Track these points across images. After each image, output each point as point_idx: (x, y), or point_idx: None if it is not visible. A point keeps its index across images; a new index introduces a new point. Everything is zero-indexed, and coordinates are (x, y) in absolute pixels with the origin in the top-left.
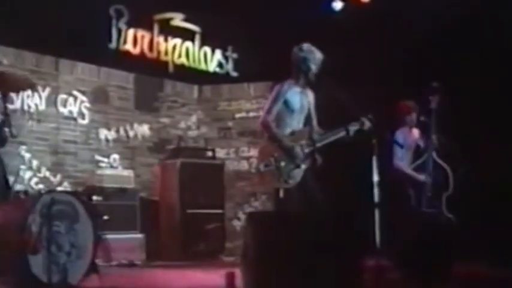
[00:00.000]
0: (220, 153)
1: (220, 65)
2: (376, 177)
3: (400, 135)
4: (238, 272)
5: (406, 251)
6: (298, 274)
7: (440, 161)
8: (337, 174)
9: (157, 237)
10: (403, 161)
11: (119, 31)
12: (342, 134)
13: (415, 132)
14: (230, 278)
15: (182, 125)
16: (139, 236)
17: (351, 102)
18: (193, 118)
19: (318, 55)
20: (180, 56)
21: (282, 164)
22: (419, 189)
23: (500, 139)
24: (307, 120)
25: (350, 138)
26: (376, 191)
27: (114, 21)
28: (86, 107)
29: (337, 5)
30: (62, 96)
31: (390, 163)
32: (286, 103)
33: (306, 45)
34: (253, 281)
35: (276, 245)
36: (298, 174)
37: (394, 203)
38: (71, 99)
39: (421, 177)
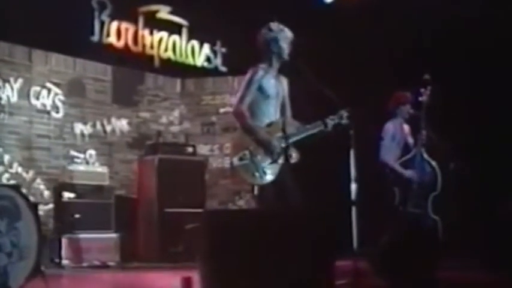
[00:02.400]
0: (204, 149)
1: (208, 59)
2: (353, 173)
3: (390, 128)
4: (195, 276)
5: (387, 254)
6: (260, 278)
7: (429, 158)
8: (314, 169)
9: (133, 237)
10: (389, 155)
11: (102, 23)
12: (320, 127)
13: (406, 126)
14: (186, 283)
15: (164, 120)
16: (114, 235)
17: (330, 93)
18: (176, 113)
19: (288, 33)
20: (166, 49)
21: (258, 158)
22: (405, 186)
23: (494, 136)
24: (283, 110)
25: (328, 132)
26: (353, 187)
27: (96, 13)
28: (60, 99)
29: None
30: (35, 88)
31: (375, 157)
32: (260, 89)
33: (274, 24)
34: (210, 286)
35: (234, 246)
36: (274, 169)
37: (377, 201)
38: (44, 92)
39: (408, 172)
